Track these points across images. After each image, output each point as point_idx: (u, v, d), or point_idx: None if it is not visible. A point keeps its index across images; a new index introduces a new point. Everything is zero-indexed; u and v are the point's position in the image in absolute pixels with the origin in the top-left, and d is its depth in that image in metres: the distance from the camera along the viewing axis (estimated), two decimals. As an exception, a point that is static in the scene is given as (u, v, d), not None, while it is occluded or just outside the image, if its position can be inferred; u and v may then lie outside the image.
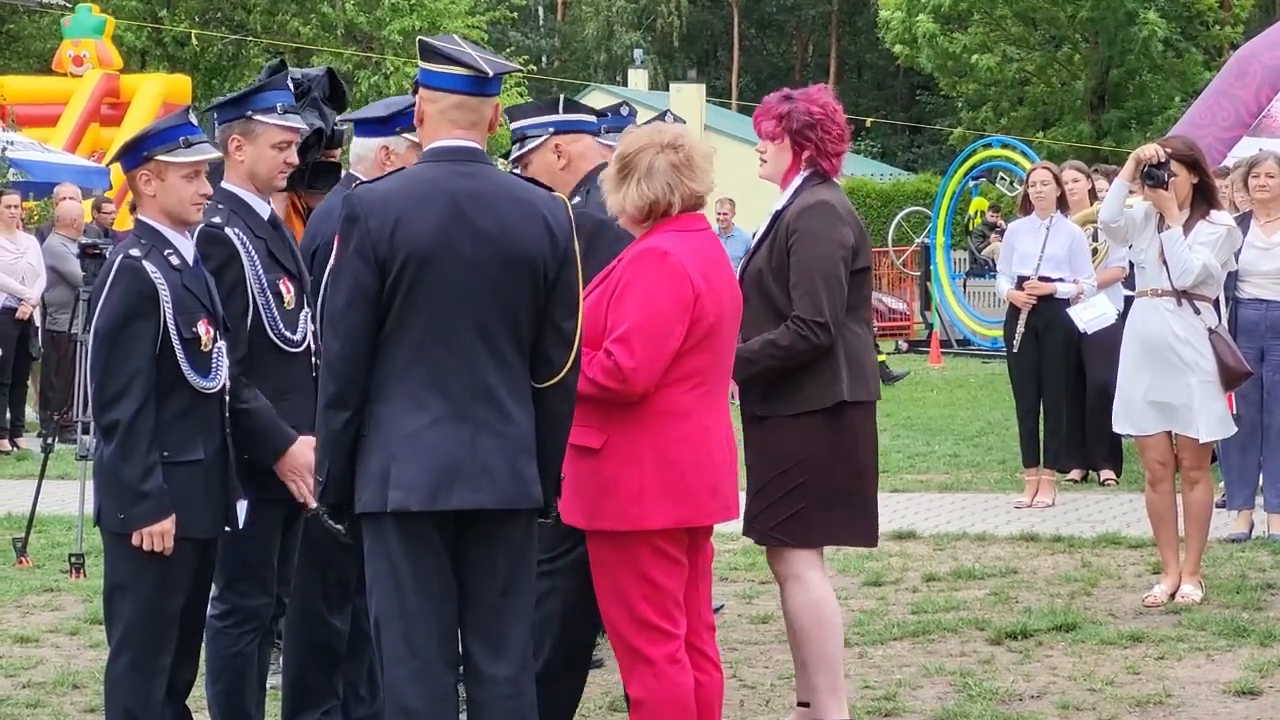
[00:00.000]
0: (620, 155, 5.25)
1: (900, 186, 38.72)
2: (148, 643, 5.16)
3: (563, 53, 64.64)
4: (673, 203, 5.20)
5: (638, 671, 5.16)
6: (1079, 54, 38.80)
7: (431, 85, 4.81)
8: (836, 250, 5.90)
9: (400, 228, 4.64)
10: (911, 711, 6.56)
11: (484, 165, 4.82)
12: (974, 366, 22.39)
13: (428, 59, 4.83)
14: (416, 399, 4.67)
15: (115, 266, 5.14)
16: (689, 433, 5.14)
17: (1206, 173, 8.32)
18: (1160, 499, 8.32)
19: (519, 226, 4.73)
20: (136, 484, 5.05)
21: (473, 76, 4.78)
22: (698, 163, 5.22)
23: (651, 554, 5.13)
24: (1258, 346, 9.56)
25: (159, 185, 5.21)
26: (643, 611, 5.13)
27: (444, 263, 4.65)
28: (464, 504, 4.66)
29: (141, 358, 5.08)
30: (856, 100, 58.16)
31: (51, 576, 9.29)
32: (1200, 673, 7.01)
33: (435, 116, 4.80)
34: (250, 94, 5.67)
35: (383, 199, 4.70)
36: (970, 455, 13.56)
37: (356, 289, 4.65)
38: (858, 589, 8.67)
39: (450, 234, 4.66)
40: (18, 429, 15.10)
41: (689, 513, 5.15)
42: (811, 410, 5.88)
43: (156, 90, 25.91)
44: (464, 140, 4.78)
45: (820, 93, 6.09)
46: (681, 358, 5.12)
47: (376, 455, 4.68)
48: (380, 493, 4.65)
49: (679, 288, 5.09)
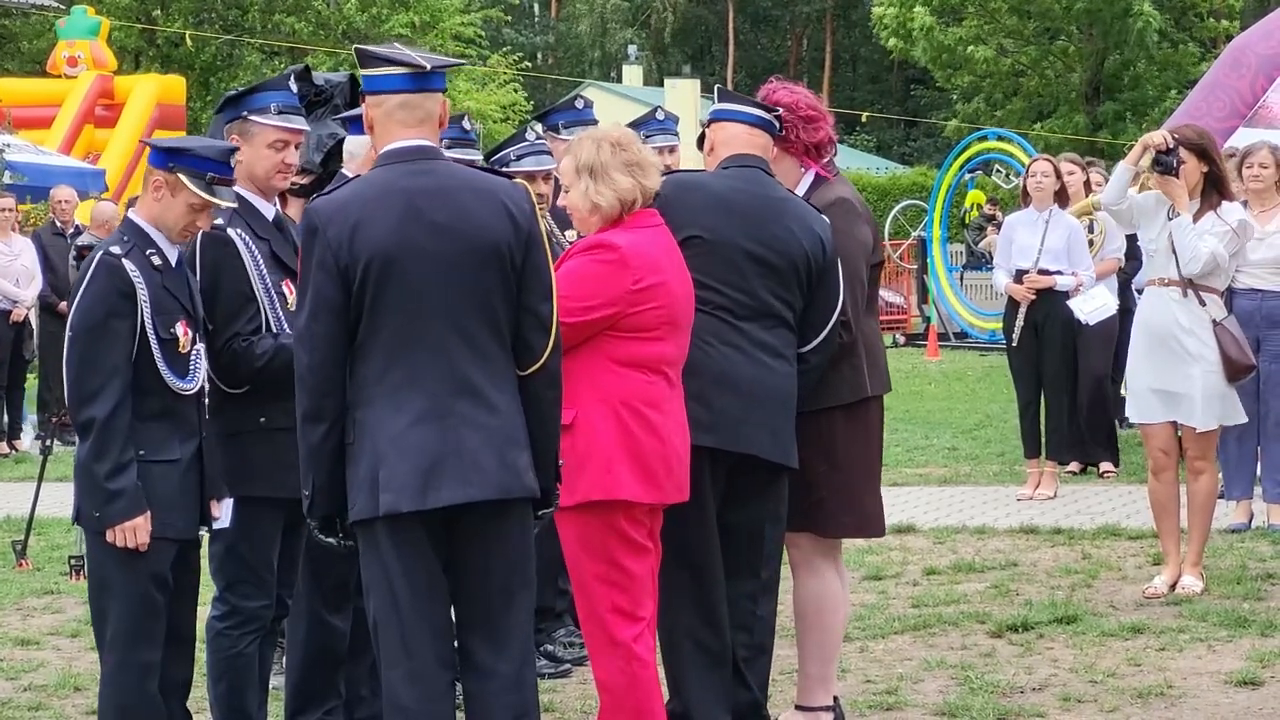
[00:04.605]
0: (582, 162, 5.37)
1: (896, 180, 38.74)
2: (134, 640, 5.17)
3: (557, 49, 64.65)
4: (636, 199, 5.36)
5: (607, 656, 5.32)
6: (1074, 46, 38.79)
7: (374, 90, 4.85)
8: (859, 249, 5.96)
9: (359, 233, 4.66)
10: (913, 705, 6.56)
11: (438, 161, 4.84)
12: (971, 360, 22.38)
13: (366, 65, 4.87)
14: (396, 401, 4.68)
15: (94, 263, 5.14)
16: (653, 419, 5.31)
17: (1217, 161, 8.32)
18: (1163, 488, 8.32)
19: (478, 216, 4.74)
20: (108, 482, 5.06)
21: (411, 74, 4.82)
22: (644, 158, 5.42)
23: (617, 540, 5.28)
24: (1253, 336, 9.53)
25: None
26: (614, 599, 5.30)
27: (407, 261, 4.67)
28: (453, 499, 4.66)
29: (118, 356, 5.08)
30: (851, 94, 58.16)
31: (51, 579, 9.29)
32: (1201, 663, 7.01)
33: (382, 119, 4.84)
34: (246, 94, 5.66)
35: (340, 207, 4.73)
36: (969, 448, 13.56)
37: (320, 300, 4.68)
38: (858, 583, 8.66)
39: (409, 232, 4.68)
40: (15, 431, 15.10)
41: (653, 491, 5.31)
42: (835, 405, 5.92)
43: (151, 91, 25.89)
44: (414, 140, 4.82)
45: (775, 93, 6.06)
46: (644, 344, 5.30)
47: (364, 461, 4.69)
48: (371, 498, 4.67)
49: (618, 272, 5.27)
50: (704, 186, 5.75)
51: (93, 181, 20.30)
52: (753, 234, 5.63)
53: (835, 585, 6.07)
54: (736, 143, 5.83)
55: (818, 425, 5.88)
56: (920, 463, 12.90)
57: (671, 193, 5.52)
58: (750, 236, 5.62)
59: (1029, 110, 39.26)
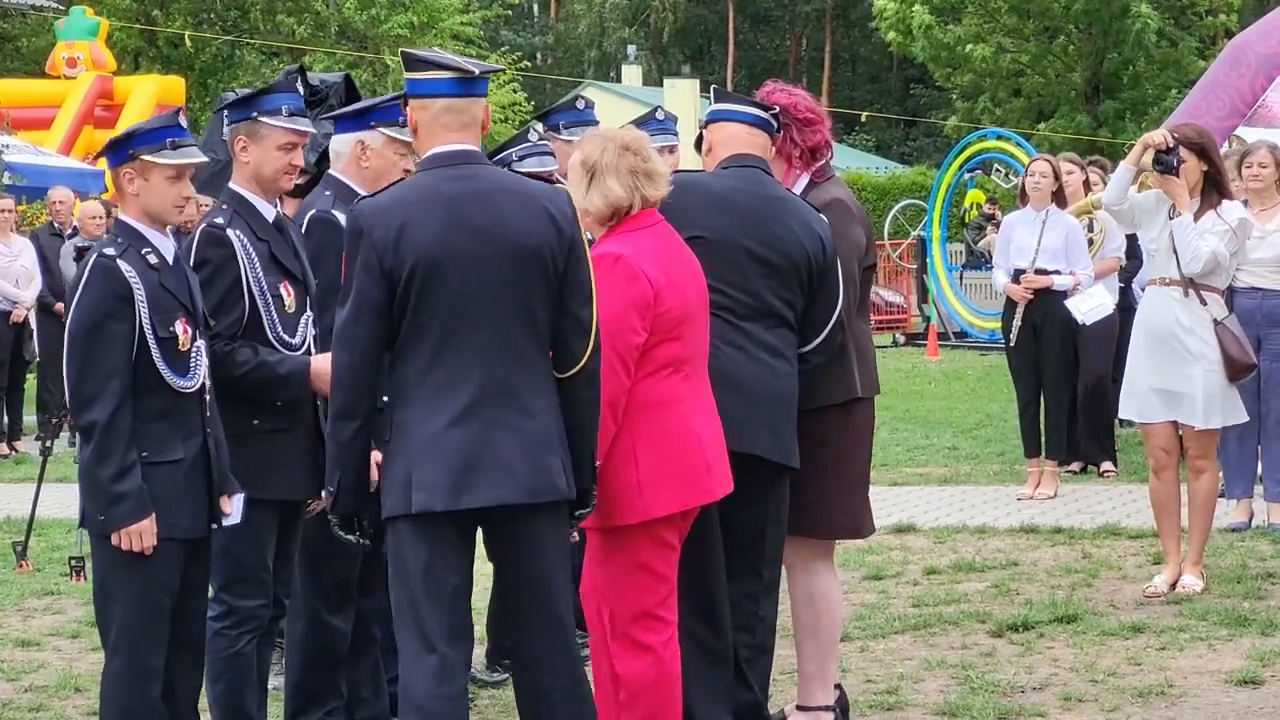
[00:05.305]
0: (584, 160, 5.34)
1: (896, 180, 38.72)
2: (139, 643, 5.14)
3: (556, 49, 64.66)
4: (633, 204, 5.32)
5: (632, 654, 5.26)
6: (1073, 45, 38.78)
7: (419, 93, 4.90)
8: (854, 250, 5.99)
9: (404, 236, 4.72)
10: (914, 705, 6.56)
11: (480, 166, 4.90)
12: (971, 359, 22.38)
13: (412, 68, 4.91)
14: (435, 402, 4.74)
15: (90, 266, 5.12)
16: (674, 419, 5.25)
17: (1216, 161, 8.32)
18: (1163, 487, 8.32)
19: (521, 221, 4.80)
20: (113, 485, 5.04)
21: (458, 78, 4.87)
22: (655, 166, 5.34)
23: (652, 544, 5.24)
24: (1254, 335, 9.54)
25: (142, 184, 5.18)
26: (643, 602, 5.25)
27: (451, 265, 4.73)
28: (485, 501, 4.73)
29: (117, 358, 5.06)
30: (851, 94, 58.15)
31: (52, 580, 9.29)
32: (1202, 663, 7.01)
33: (428, 123, 4.89)
34: (256, 95, 5.66)
35: (385, 209, 4.78)
36: (969, 448, 13.55)
37: (363, 301, 4.74)
38: (858, 583, 8.67)
39: (453, 236, 4.73)
40: (15, 432, 15.09)
41: (688, 496, 5.27)
42: (827, 405, 5.92)
43: (150, 92, 25.89)
44: (457, 144, 4.86)
45: (773, 95, 6.07)
46: (655, 349, 5.23)
47: (399, 461, 4.76)
48: (404, 497, 4.73)
49: (633, 287, 5.19)
50: (704, 187, 5.74)
51: (92, 182, 20.28)
52: (754, 234, 5.63)
53: (830, 584, 6.08)
54: (735, 143, 5.83)
55: (807, 426, 5.87)
56: (920, 462, 12.90)
57: (672, 193, 5.51)
58: (752, 236, 5.62)
59: (1029, 109, 39.25)
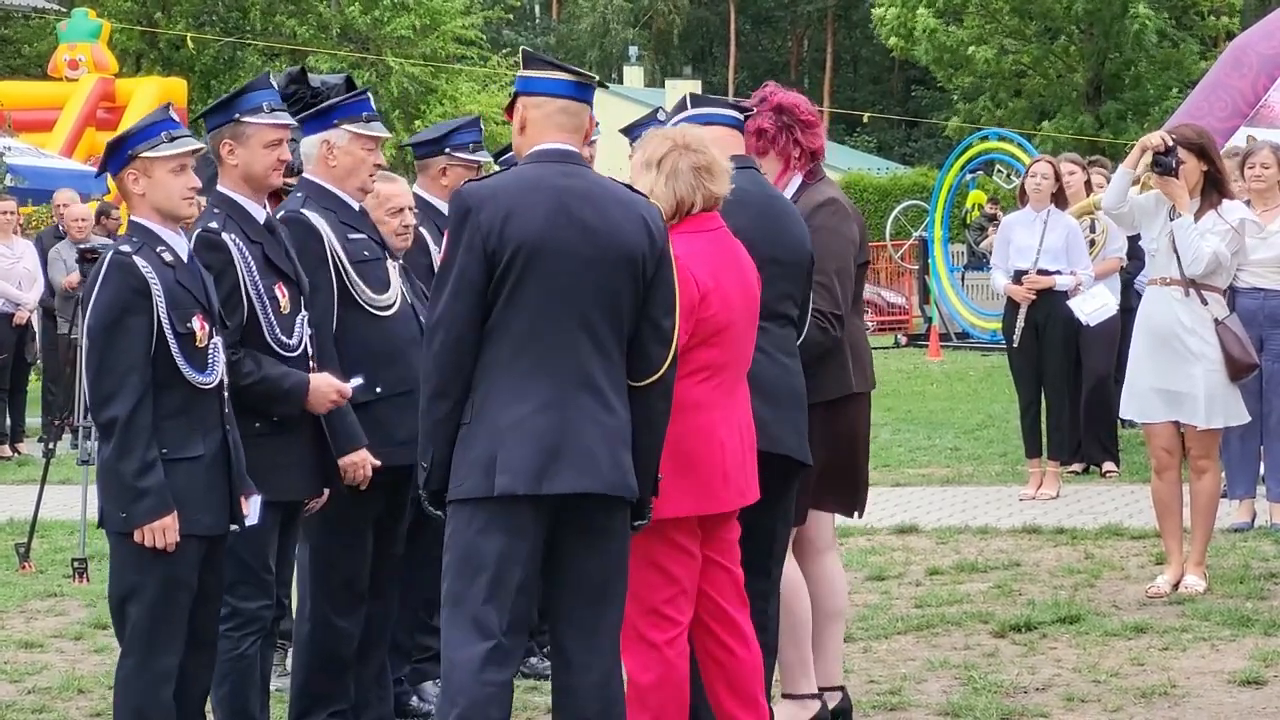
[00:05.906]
0: (647, 158, 5.35)
1: (897, 180, 38.74)
2: (155, 642, 5.13)
3: (558, 50, 64.66)
4: (695, 203, 5.33)
5: (639, 652, 5.26)
6: (1075, 46, 38.79)
7: (535, 91, 4.99)
8: (848, 247, 6.05)
9: (511, 220, 4.78)
10: (916, 705, 6.56)
11: (584, 168, 4.99)
12: (973, 360, 22.38)
13: (531, 66, 5.02)
14: (521, 387, 4.77)
15: (106, 264, 5.11)
16: (700, 424, 5.24)
17: (1216, 161, 8.32)
18: (1165, 488, 8.32)
19: (622, 224, 4.87)
20: (135, 481, 5.02)
21: (578, 82, 5.00)
22: (717, 165, 5.34)
23: (665, 544, 5.23)
24: (1256, 335, 9.53)
25: (148, 183, 5.18)
26: (653, 599, 5.24)
27: (552, 255, 4.79)
28: (569, 488, 4.75)
29: (135, 354, 5.05)
30: (852, 95, 58.16)
31: (55, 581, 9.29)
32: (1205, 663, 7.01)
33: (540, 121, 4.98)
34: (235, 97, 5.66)
35: (492, 193, 4.85)
36: (971, 448, 13.56)
37: (463, 281, 4.78)
38: (861, 583, 8.67)
39: (558, 227, 4.80)
40: (18, 434, 15.10)
41: (701, 502, 5.26)
42: (822, 400, 5.93)
43: (152, 93, 25.83)
44: (565, 144, 4.95)
45: (775, 95, 6.09)
46: (692, 352, 5.21)
47: (481, 443, 4.77)
48: (486, 479, 4.73)
49: (681, 290, 5.16)
50: None
51: (94, 185, 20.25)
52: (769, 234, 5.64)
53: (795, 573, 6.06)
54: (722, 144, 5.85)
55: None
56: (923, 463, 12.90)
57: None
58: (765, 236, 5.63)
59: (1031, 110, 39.26)
